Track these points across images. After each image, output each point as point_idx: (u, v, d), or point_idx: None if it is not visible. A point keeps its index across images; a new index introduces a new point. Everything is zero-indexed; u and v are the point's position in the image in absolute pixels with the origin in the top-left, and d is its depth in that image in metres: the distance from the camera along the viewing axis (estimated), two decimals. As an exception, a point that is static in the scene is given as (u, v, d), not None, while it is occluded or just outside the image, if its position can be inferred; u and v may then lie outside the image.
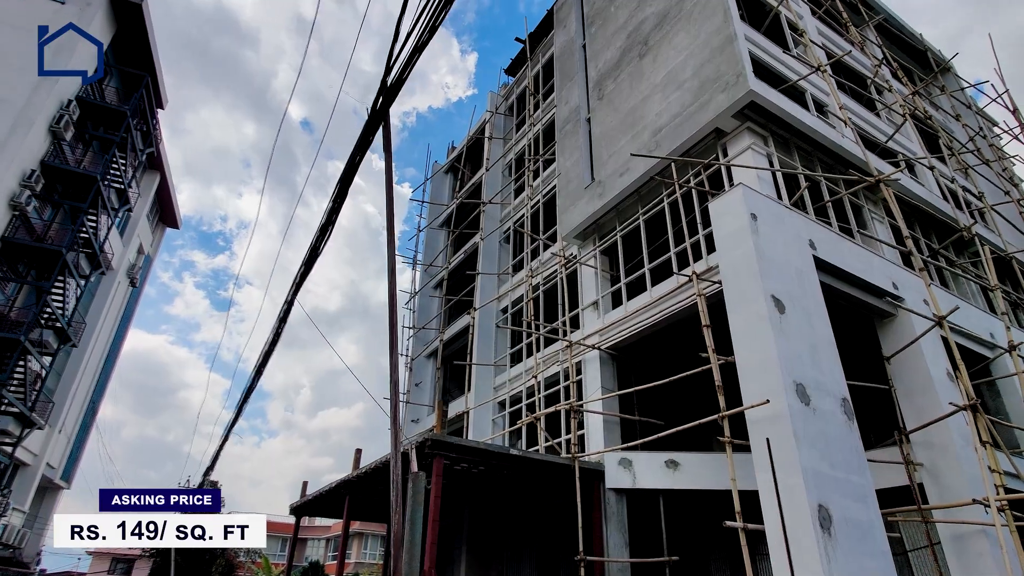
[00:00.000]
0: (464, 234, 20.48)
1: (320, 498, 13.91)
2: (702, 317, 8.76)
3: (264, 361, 12.84)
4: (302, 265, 6.42)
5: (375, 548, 42.90)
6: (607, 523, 10.61)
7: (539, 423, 12.05)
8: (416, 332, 20.36)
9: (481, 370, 15.85)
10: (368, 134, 5.16)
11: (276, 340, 11.94)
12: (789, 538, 6.84)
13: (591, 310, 12.79)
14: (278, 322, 11.60)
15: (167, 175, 27.32)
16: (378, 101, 4.90)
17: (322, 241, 6.31)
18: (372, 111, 4.98)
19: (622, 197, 12.35)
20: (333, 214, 6.08)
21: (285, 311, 11.23)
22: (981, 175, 14.16)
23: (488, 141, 20.13)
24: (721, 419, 7.99)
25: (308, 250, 6.44)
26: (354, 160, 5.80)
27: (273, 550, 41.52)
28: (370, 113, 5.00)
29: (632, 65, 13.04)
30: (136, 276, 27.34)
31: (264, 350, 12.53)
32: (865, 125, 12.80)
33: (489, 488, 12.76)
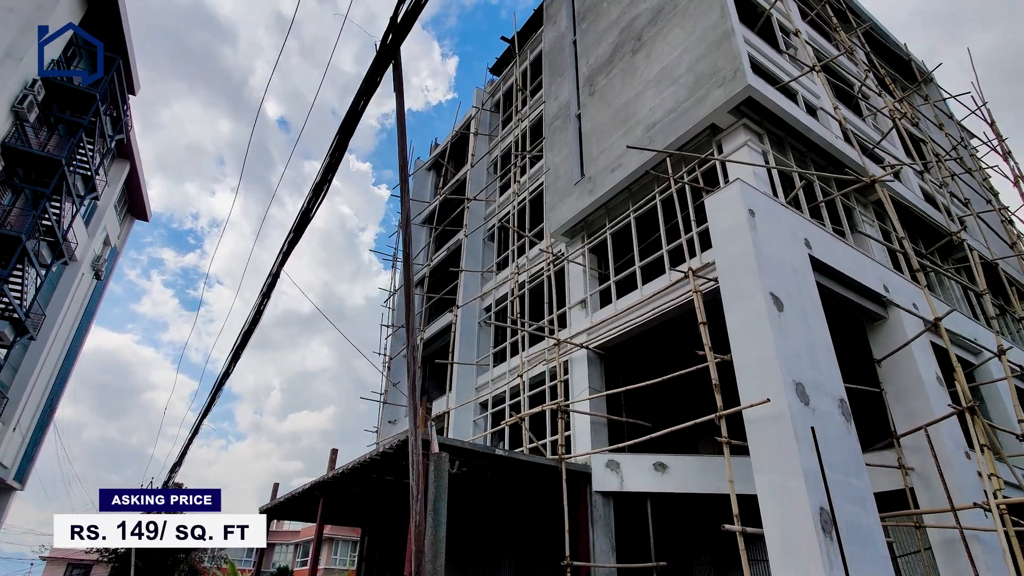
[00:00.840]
0: (447, 231, 20.06)
1: (292, 500, 13.31)
2: (699, 314, 8.51)
3: (244, 341, 11.76)
4: (291, 232, 5.91)
5: (346, 554, 41.89)
6: (593, 527, 10.28)
7: (524, 424, 11.68)
8: (395, 331, 19.84)
9: (463, 370, 15.43)
10: (375, 74, 4.71)
11: (258, 318, 11.08)
12: (790, 542, 6.60)
13: (579, 309, 12.50)
14: (260, 297, 10.79)
15: (137, 164, 26.31)
16: (388, 37, 4.44)
17: (315, 203, 5.83)
18: (380, 48, 4.53)
19: (613, 194, 12.10)
20: (329, 172, 5.62)
21: (269, 285, 10.48)
22: (966, 183, 14.30)
23: (474, 137, 19.77)
24: (719, 419, 7.73)
25: (299, 214, 5.96)
26: (357, 106, 5.35)
27: (239, 555, 40.26)
28: (378, 50, 4.56)
29: (625, 61, 12.83)
30: (101, 269, 26.21)
31: (243, 329, 11.53)
32: (853, 129, 12.78)
33: (470, 490, 12.34)
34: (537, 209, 16.01)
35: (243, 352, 12.07)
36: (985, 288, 10.19)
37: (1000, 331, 13.16)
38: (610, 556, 10.09)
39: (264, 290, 10.53)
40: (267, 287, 10.17)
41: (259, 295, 10.71)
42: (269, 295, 10.59)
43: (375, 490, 12.32)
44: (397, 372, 19.32)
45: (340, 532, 41.33)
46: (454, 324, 15.93)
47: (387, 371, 19.31)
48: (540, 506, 12.40)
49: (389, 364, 19.34)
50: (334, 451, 12.55)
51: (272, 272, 9.64)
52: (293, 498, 12.86)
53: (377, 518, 15.85)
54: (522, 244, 15.49)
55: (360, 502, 13.94)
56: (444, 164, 21.18)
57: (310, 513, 14.90)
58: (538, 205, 16.01)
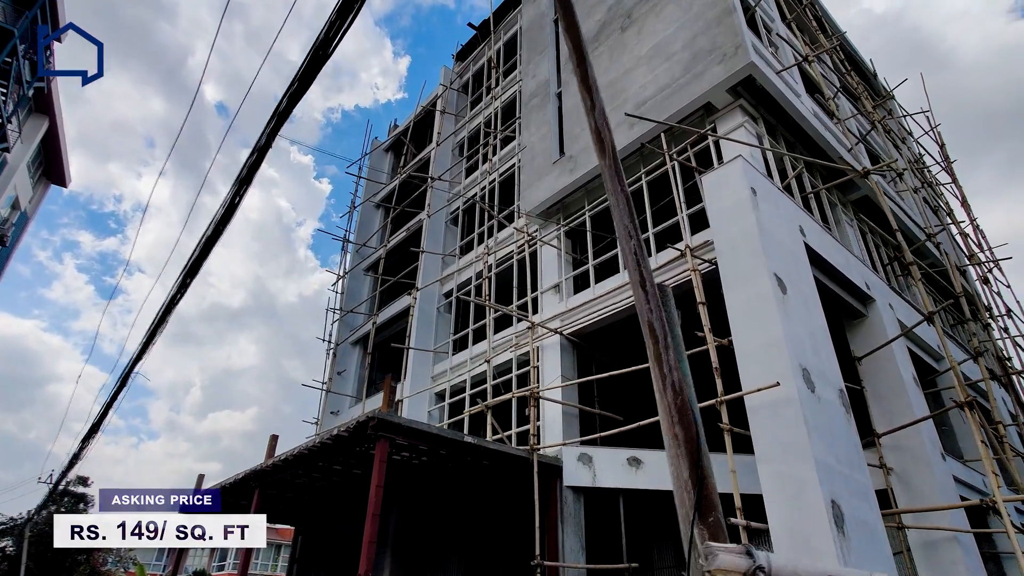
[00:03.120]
0: (405, 213, 18.94)
1: (222, 493, 11.82)
2: (697, 294, 7.93)
3: (156, 328, 10.14)
4: (253, 151, 4.82)
5: (268, 558, 39.32)
6: (563, 525, 9.50)
7: (488, 413, 10.80)
8: (343, 316, 18.50)
9: (418, 358, 14.37)
10: None
11: (172, 306, 9.22)
12: (799, 537, 6.04)
13: (552, 293, 11.76)
14: (180, 277, 8.97)
15: (58, 121, 23.71)
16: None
17: (282, 121, 4.79)
18: None
19: (596, 173, 11.46)
20: (296, 98, 4.63)
21: (191, 266, 8.59)
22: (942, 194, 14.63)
23: (440, 115, 18.78)
24: (719, 404, 7.13)
25: (264, 132, 4.89)
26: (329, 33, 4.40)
27: (148, 557, 37.04)
28: None
29: (613, 38, 12.28)
30: (7, 234, 23.37)
31: (157, 315, 9.66)
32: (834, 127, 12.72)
33: (426, 484, 11.32)
34: (507, 191, 15.22)
35: (155, 340, 10.13)
36: (961, 290, 10.15)
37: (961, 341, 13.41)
38: (580, 556, 9.35)
39: (184, 272, 8.52)
40: (188, 267, 8.19)
41: (179, 275, 8.78)
42: (192, 277, 8.56)
43: (319, 482, 11.10)
44: (343, 360, 17.99)
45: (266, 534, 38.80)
46: (412, 308, 14.86)
47: (332, 359, 17.93)
48: (502, 502, 11.52)
49: (334, 351, 17.98)
50: (274, 437, 11.26)
51: (193, 255, 7.81)
52: (223, 489, 11.42)
53: (315, 516, 14.49)
54: (491, 226, 14.65)
55: (299, 496, 12.62)
56: (406, 143, 20.05)
57: (240, 508, 13.38)
58: (508, 187, 15.23)
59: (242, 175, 4.96)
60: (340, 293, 19.11)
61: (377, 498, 7.54)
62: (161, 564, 38.62)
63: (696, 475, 2.53)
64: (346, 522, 14.39)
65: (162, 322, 7.36)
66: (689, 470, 2.57)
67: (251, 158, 4.92)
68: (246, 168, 5.01)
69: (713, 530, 2.45)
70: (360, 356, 17.84)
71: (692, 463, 2.57)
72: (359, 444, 8.57)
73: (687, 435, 2.65)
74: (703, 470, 2.54)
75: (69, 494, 24.51)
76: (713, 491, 2.56)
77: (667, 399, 2.77)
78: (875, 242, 12.36)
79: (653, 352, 2.89)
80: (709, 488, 2.53)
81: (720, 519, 2.51)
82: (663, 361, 2.84)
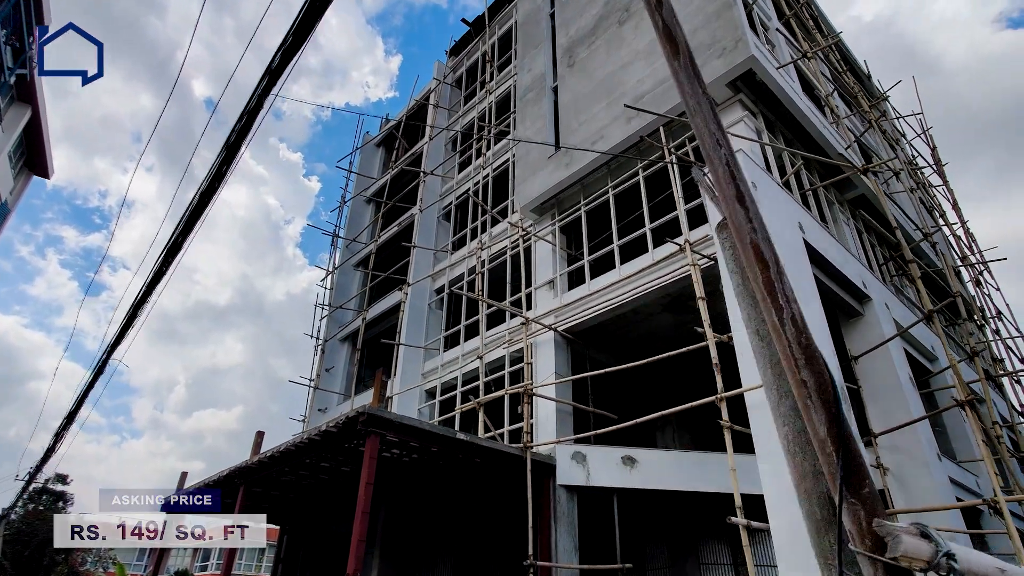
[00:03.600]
0: (397, 207, 18.67)
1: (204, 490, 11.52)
2: (697, 288, 7.79)
3: (132, 316, 9.44)
4: (243, 115, 4.51)
5: (252, 558, 38.76)
6: (556, 524, 9.32)
7: (480, 410, 10.59)
8: (332, 312, 18.20)
9: (409, 354, 14.13)
10: None
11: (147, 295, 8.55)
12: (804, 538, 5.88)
13: (546, 289, 11.59)
14: (156, 264, 8.39)
15: (41, 111, 23.12)
16: None
17: (275, 80, 4.51)
18: None
19: (592, 168, 11.32)
20: (290, 54, 4.37)
21: (165, 255, 8.06)
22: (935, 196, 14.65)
23: (433, 109, 18.54)
24: (719, 400, 6.98)
25: (225, 144, 4.61)
26: None
27: (129, 557, 36.35)
28: None
29: (610, 32, 12.13)
30: (-13, 224, 22.81)
31: (133, 302, 9.01)
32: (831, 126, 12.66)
33: (415, 482, 11.09)
34: (500, 187, 15.03)
35: (135, 324, 9.45)
36: (958, 289, 10.11)
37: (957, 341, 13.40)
38: (573, 556, 9.16)
39: (159, 260, 7.89)
40: (163, 255, 7.57)
41: (155, 263, 8.19)
42: (166, 268, 7.97)
43: (306, 479, 10.84)
44: (331, 356, 17.69)
45: (247, 535, 38.22)
46: (403, 303, 14.62)
47: (320, 355, 17.63)
48: (493, 502, 11.32)
49: (323, 347, 17.68)
50: (260, 433, 10.97)
51: (169, 241, 7.26)
52: (207, 487, 11.11)
53: (302, 515, 14.20)
54: (484, 221, 14.45)
55: (285, 495, 12.33)
56: (398, 137, 19.79)
57: (224, 507, 13.05)
58: (501, 183, 15.04)
59: (230, 141, 4.67)
60: (329, 289, 18.82)
61: (367, 496, 7.31)
62: (142, 564, 37.92)
63: (838, 431, 1.95)
64: (333, 521, 14.11)
65: (144, 302, 6.95)
66: (827, 425, 1.98)
67: (240, 122, 4.63)
68: (234, 134, 4.72)
69: (870, 505, 1.87)
70: (349, 353, 17.56)
71: (829, 416, 1.98)
72: (348, 440, 8.33)
73: (818, 381, 2.05)
74: (844, 426, 1.96)
75: (48, 492, 23.93)
76: (859, 453, 1.97)
77: (786, 337, 2.17)
78: (871, 241, 12.30)
79: (763, 281, 2.31)
80: (854, 450, 1.94)
81: (874, 490, 1.94)
82: (777, 291, 2.26)
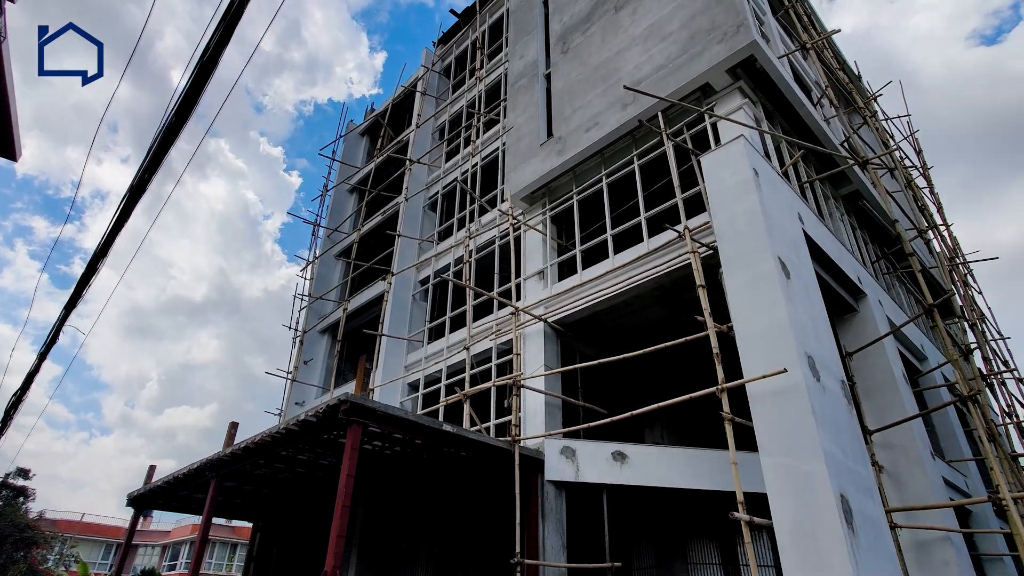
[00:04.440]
0: (381, 197, 18.19)
1: (173, 485, 10.93)
2: (697, 276, 7.50)
3: (80, 288, 8.56)
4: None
5: (223, 557, 37.79)
6: (544, 521, 8.98)
7: (466, 403, 10.21)
8: (312, 303, 17.66)
9: (391, 346, 13.68)
10: None
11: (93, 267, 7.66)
12: (807, 534, 5.63)
13: (536, 280, 11.24)
14: (105, 231, 7.86)
15: (8, 87, 22.14)
16: None
17: None
18: None
19: (586, 155, 11.01)
20: None
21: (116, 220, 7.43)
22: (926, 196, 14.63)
23: (420, 96, 18.09)
24: (720, 391, 6.70)
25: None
26: None
27: (93, 557, 35.15)
28: None
29: (606, 18, 11.85)
30: (-53, 206, 21.77)
31: (83, 272, 8.30)
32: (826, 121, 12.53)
33: (397, 477, 10.67)
34: (489, 176, 14.66)
35: (92, 280, 8.45)
36: (951, 287, 10.00)
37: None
38: (561, 554, 8.83)
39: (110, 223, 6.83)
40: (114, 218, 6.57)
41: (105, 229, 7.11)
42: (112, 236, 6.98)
43: (282, 473, 10.34)
44: (310, 348, 17.15)
45: (218, 533, 37.29)
46: (387, 293, 14.16)
47: (299, 347, 17.08)
48: (477, 498, 10.94)
49: (302, 339, 17.12)
50: (233, 424, 10.43)
51: (121, 204, 6.40)
52: (176, 480, 10.54)
53: (276, 511, 13.66)
54: (472, 211, 14.06)
55: (259, 489, 11.81)
56: (383, 125, 19.31)
57: (194, 503, 12.48)
58: (491, 172, 14.67)
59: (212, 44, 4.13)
60: (309, 279, 18.27)
61: (347, 489, 6.89)
62: (107, 563, 36.72)
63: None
64: (309, 518, 13.59)
65: (104, 253, 6.24)
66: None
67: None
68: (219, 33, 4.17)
69: None
70: (329, 345, 17.04)
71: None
72: (328, 431, 7.89)
73: None
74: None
75: (7, 487, 22.92)
76: None
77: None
78: (863, 238, 12.19)
79: None
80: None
81: None
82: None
